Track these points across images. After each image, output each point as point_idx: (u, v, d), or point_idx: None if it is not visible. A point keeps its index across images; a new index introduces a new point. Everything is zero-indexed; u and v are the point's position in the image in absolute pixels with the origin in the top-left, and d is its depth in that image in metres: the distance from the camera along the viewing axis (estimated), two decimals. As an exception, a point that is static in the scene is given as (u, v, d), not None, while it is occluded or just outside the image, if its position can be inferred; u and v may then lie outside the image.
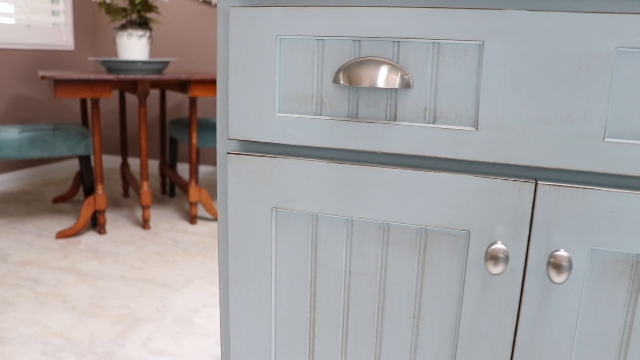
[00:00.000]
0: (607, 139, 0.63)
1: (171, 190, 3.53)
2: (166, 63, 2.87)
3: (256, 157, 0.74)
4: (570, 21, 0.62)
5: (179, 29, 3.94)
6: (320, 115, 0.72)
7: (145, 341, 1.80)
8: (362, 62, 0.68)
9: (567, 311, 0.68)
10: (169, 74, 2.81)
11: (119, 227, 2.91)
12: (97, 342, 1.78)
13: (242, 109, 0.73)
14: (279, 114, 0.72)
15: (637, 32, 0.60)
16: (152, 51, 4.03)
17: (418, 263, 0.71)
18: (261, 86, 0.72)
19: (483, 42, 0.64)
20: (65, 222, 2.95)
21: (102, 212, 2.74)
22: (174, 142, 3.45)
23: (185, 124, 3.15)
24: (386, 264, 0.73)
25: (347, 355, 0.77)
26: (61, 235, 2.70)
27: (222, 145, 0.78)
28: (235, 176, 0.75)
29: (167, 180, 3.80)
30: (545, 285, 0.67)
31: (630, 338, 0.68)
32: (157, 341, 1.80)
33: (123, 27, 2.80)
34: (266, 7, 0.70)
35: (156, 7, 2.90)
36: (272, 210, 0.75)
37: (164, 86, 2.95)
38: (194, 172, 2.93)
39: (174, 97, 4.07)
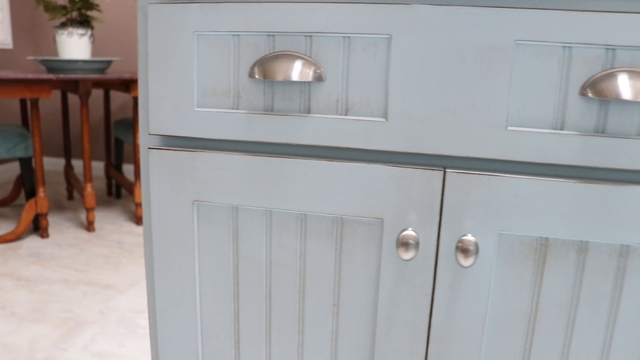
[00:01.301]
0: (509, 128, 0.66)
1: (117, 191, 3.49)
2: (109, 62, 2.84)
3: (176, 151, 0.75)
4: (472, 15, 0.64)
5: (122, 27, 3.89)
6: (237, 109, 0.73)
7: (88, 344, 1.78)
8: (276, 57, 0.70)
9: (478, 294, 0.71)
10: (112, 73, 2.78)
11: (63, 231, 2.87)
12: (37, 348, 1.75)
13: (162, 104, 0.74)
14: (198, 109, 0.73)
15: (534, 25, 0.63)
16: (94, 50, 3.97)
17: (335, 252, 0.73)
18: (180, 82, 0.73)
19: (391, 35, 0.67)
20: (5, 227, 2.89)
21: (44, 215, 2.69)
22: (119, 142, 3.41)
23: (130, 124, 3.11)
24: (305, 253, 0.74)
25: (272, 344, 0.79)
26: (1, 240, 2.64)
27: (144, 140, 0.79)
28: (157, 171, 0.76)
29: (113, 182, 3.75)
30: (456, 269, 0.70)
31: (537, 317, 0.71)
32: (100, 343, 1.78)
33: (63, 25, 2.75)
34: (183, 4, 0.71)
35: (97, 6, 2.86)
36: (193, 203, 0.76)
37: (107, 86, 2.92)
38: (139, 172, 2.90)
39: (119, 97, 4.02)
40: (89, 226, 2.84)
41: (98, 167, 4.14)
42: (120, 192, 3.52)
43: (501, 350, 0.73)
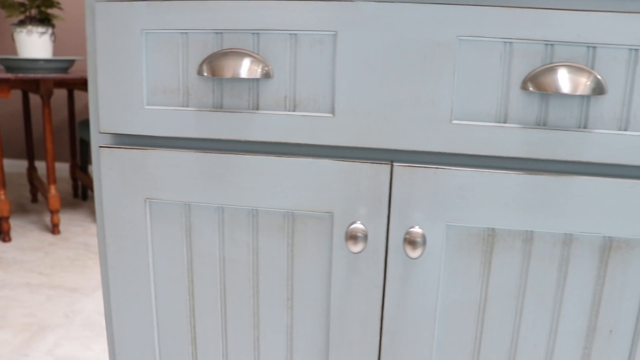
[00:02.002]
0: (454, 121, 0.68)
1: (83, 193, 3.45)
2: (71, 61, 2.80)
3: (127, 149, 0.75)
4: (415, 11, 0.66)
5: (85, 26, 3.84)
6: (187, 106, 0.73)
7: (52, 348, 1.76)
8: (224, 54, 0.70)
9: (428, 284, 0.72)
10: (75, 72, 2.74)
11: (26, 234, 2.83)
12: (-2, 352, 1.73)
13: (112, 102, 0.74)
14: (148, 107, 0.73)
15: (475, 22, 0.65)
16: (56, 49, 3.91)
17: (287, 246, 0.74)
18: (129, 80, 0.73)
19: (336, 32, 0.67)
20: (-33, 230, 2.84)
21: (6, 218, 2.65)
22: (84, 143, 3.37)
23: (92, 124, 3.07)
24: (257, 248, 0.75)
25: (228, 340, 0.79)
26: (-38, 243, 2.60)
27: (95, 139, 0.79)
28: (109, 169, 0.76)
29: (79, 183, 3.71)
30: (406, 261, 0.71)
31: (486, 306, 0.73)
32: (65, 347, 1.77)
33: (22, 23, 2.71)
34: (130, 2, 0.71)
35: (58, 3, 2.82)
36: (145, 201, 0.76)
37: (70, 86, 2.88)
38: (102, 173, 2.87)
39: (83, 97, 3.97)
40: (54, 229, 2.80)
41: (63, 168, 4.09)
42: (87, 193, 3.48)
43: (453, 339, 0.75)
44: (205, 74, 0.70)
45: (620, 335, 0.72)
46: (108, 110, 0.74)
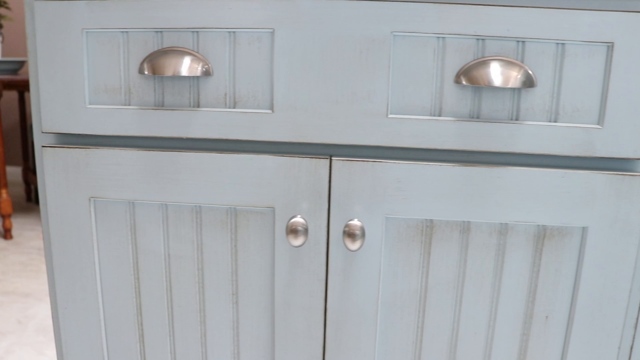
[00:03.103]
0: (390, 115, 0.69)
1: (37, 196, 3.40)
2: (21, 63, 2.76)
3: (70, 149, 0.75)
4: (350, 8, 0.67)
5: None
6: (129, 105, 0.73)
7: (3, 355, 1.74)
8: (165, 53, 0.71)
9: (369, 276, 0.73)
10: (25, 74, 2.71)
11: (-19, 239, 2.79)
12: (-50, 360, 1.71)
13: (54, 102, 0.74)
14: (90, 106, 0.74)
15: (408, 18, 0.66)
16: (5, 50, 3.85)
17: (231, 242, 0.75)
18: (70, 79, 0.73)
19: (274, 29, 0.68)
20: None
21: (-38, 223, 2.61)
22: (45, 146, 3.32)
23: (56, 127, 3.03)
24: (202, 244, 0.76)
25: (175, 336, 0.80)
26: None
27: (38, 139, 0.79)
28: (52, 169, 0.76)
29: (32, 187, 3.66)
30: (346, 253, 0.73)
31: (427, 296, 0.75)
32: (17, 353, 1.75)
33: (-29, 25, 2.67)
34: (70, 1, 0.71)
35: (5, 3, 2.78)
36: (89, 200, 0.76)
37: (20, 87, 2.83)
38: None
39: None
40: (6, 234, 2.76)
41: (16, 172, 4.03)
42: (49, 197, 3.43)
43: (395, 329, 0.76)
44: (146, 72, 0.70)
45: (555, 321, 0.75)
46: (50, 109, 0.74)
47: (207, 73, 0.70)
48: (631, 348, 0.77)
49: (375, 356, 0.76)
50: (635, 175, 0.69)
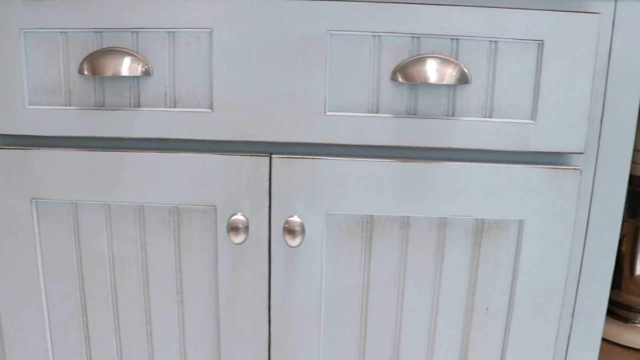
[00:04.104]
0: (328, 113, 0.70)
1: None
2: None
3: (10, 150, 0.74)
4: (287, 8, 0.68)
5: None
6: (69, 105, 0.73)
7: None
8: (104, 53, 0.71)
9: (311, 273, 0.74)
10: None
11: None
12: None
13: (-7, 103, 0.74)
14: (30, 107, 0.73)
15: (344, 17, 0.67)
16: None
17: (174, 241, 0.75)
18: (8, 80, 0.73)
19: (212, 29, 0.69)
20: None
21: None
22: None
23: None
24: (145, 244, 0.76)
25: (121, 336, 0.80)
26: None
27: (-21, 141, 0.78)
28: (-7, 171, 0.75)
29: None
30: (288, 250, 0.73)
31: (369, 291, 0.76)
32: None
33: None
34: (7, 0, 0.71)
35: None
36: (31, 201, 0.76)
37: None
38: None
39: None
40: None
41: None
42: None
43: (339, 324, 0.77)
44: (86, 72, 0.70)
45: (496, 312, 0.76)
46: (-10, 111, 0.74)
47: (147, 73, 0.70)
48: (569, 337, 0.79)
49: (320, 352, 0.77)
50: (568, 168, 0.71)
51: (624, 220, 0.90)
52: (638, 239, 0.90)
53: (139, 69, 0.70)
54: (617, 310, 0.99)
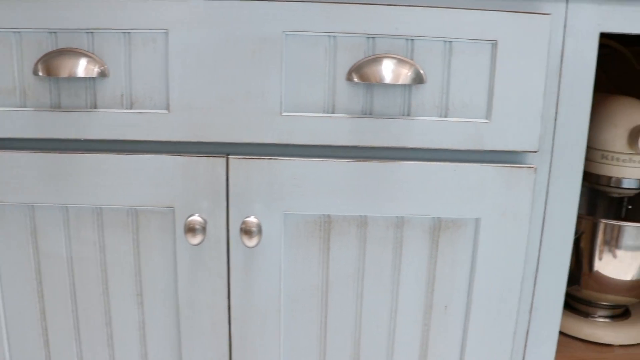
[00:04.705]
0: (284, 113, 0.71)
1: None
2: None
3: (-35, 153, 0.74)
4: (242, 9, 0.68)
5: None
6: (24, 107, 0.73)
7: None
8: (60, 54, 0.71)
9: (270, 273, 0.74)
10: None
11: None
12: None
13: (-52, 105, 0.73)
14: (-16, 109, 0.73)
15: (299, 17, 0.68)
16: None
17: (133, 242, 0.75)
18: (-37, 82, 0.72)
19: (168, 30, 0.69)
20: None
21: None
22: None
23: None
24: (104, 246, 0.76)
25: (81, 340, 0.79)
26: None
27: None
28: (-52, 174, 0.75)
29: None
30: (246, 251, 0.74)
31: (328, 291, 0.76)
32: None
33: None
34: (-40, 2, 0.70)
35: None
36: (-13, 205, 0.75)
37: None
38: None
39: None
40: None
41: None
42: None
43: (299, 324, 0.77)
44: (40, 73, 0.70)
45: (454, 310, 0.77)
46: (-56, 113, 0.73)
47: (103, 74, 0.70)
48: (527, 332, 0.80)
49: (281, 352, 0.78)
50: (522, 167, 0.72)
51: (582, 217, 0.91)
52: (596, 236, 0.91)
53: (95, 70, 0.70)
54: (576, 305, 1.01)
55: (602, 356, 0.95)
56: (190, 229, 0.70)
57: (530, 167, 0.73)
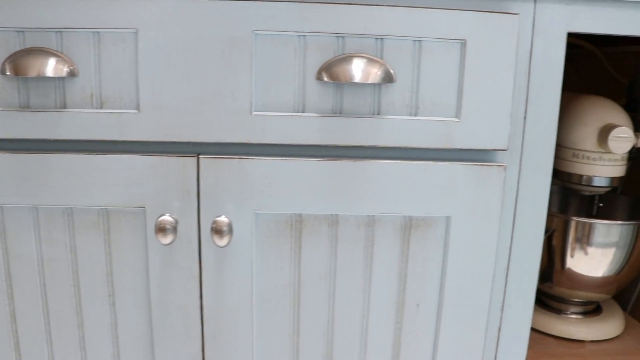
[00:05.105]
0: (254, 113, 0.71)
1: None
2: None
3: None
4: (212, 8, 0.68)
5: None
6: (-7, 107, 0.72)
7: None
8: (28, 53, 0.70)
9: (242, 272, 0.74)
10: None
11: None
12: None
13: None
14: (-47, 109, 0.72)
15: (269, 17, 0.68)
16: None
17: (104, 243, 0.75)
18: None
19: (137, 29, 0.69)
20: None
21: None
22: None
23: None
24: (75, 247, 0.75)
25: (53, 341, 0.79)
26: None
27: None
28: None
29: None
30: (218, 250, 0.73)
31: (300, 290, 0.76)
32: None
33: None
34: None
35: None
36: (-44, 206, 0.74)
37: None
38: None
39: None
40: None
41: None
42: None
43: (271, 323, 0.77)
44: (8, 73, 0.69)
45: (426, 307, 0.78)
46: None
47: (72, 74, 0.70)
48: (499, 329, 0.81)
49: (254, 351, 0.78)
50: (492, 165, 0.73)
51: (554, 215, 0.92)
52: (568, 233, 0.92)
53: (64, 70, 0.69)
54: (549, 302, 1.02)
55: (574, 352, 0.96)
56: (161, 229, 0.70)
57: (500, 166, 0.73)
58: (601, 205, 1.06)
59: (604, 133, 0.88)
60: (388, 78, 0.70)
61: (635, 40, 1.05)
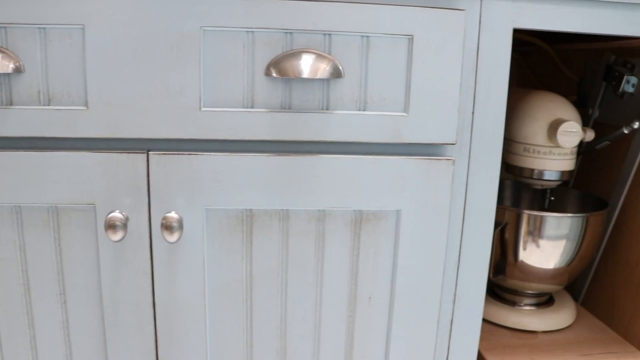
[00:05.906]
0: (203, 109, 0.71)
1: None
2: None
3: None
4: (160, 4, 0.68)
5: None
6: (-62, 105, 0.71)
7: None
8: (-27, 50, 0.69)
9: (193, 268, 0.75)
10: None
11: None
12: None
13: None
14: None
15: (217, 13, 0.68)
16: None
17: (54, 241, 0.74)
18: None
19: (84, 25, 0.69)
20: None
21: None
22: None
23: None
24: (24, 245, 0.75)
25: (2, 342, 0.78)
26: None
27: None
28: None
29: None
30: (169, 246, 0.74)
31: (253, 284, 0.77)
32: None
33: None
34: None
35: None
36: None
37: None
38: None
39: None
40: None
41: None
42: None
43: (224, 318, 0.78)
44: (-45, 70, 0.69)
45: (378, 301, 0.79)
46: None
47: (18, 70, 0.69)
48: (451, 321, 0.82)
49: (207, 347, 0.78)
50: (441, 159, 0.74)
51: (506, 209, 0.94)
52: (520, 226, 0.94)
53: (9, 66, 0.69)
54: (503, 295, 1.03)
55: (526, 342, 0.97)
56: (111, 226, 0.70)
57: (448, 159, 0.74)
58: (552, 199, 1.08)
59: (553, 127, 0.90)
60: (336, 73, 0.70)
61: (585, 37, 1.07)
